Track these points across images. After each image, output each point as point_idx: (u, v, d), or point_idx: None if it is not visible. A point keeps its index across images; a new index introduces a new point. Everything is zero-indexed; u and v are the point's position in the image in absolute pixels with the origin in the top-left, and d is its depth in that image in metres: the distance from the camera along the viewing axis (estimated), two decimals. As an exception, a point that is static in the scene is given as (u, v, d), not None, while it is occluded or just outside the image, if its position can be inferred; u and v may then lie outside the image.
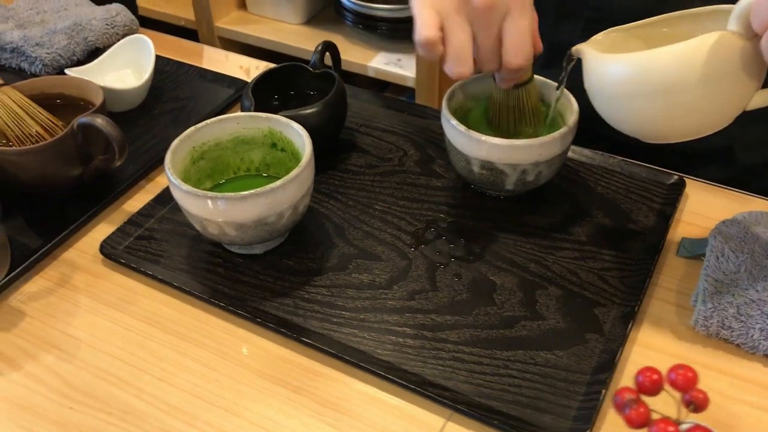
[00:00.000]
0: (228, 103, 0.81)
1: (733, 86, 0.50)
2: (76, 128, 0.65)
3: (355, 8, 1.57)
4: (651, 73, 0.50)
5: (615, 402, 0.34)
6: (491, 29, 0.57)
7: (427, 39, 0.56)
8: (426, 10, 0.57)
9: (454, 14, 0.56)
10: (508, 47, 0.57)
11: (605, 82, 0.54)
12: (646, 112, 0.52)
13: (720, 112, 0.51)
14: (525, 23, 0.57)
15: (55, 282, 0.64)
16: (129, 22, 0.92)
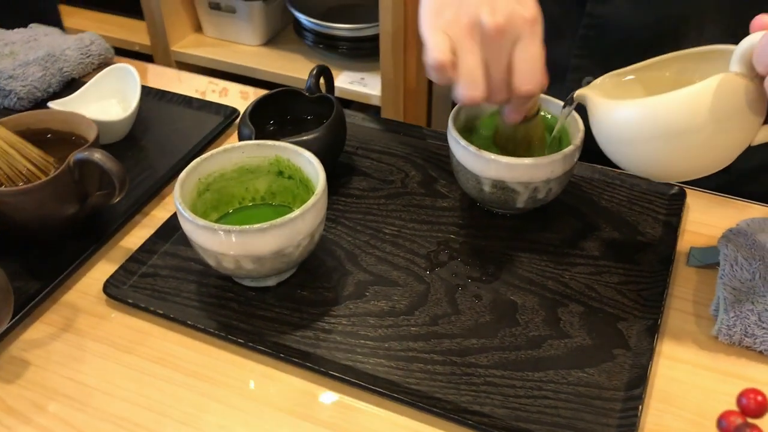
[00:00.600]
0: (219, 130, 0.79)
1: (740, 125, 0.51)
2: (73, 164, 0.62)
3: (315, 28, 1.56)
4: (660, 118, 0.52)
5: (722, 427, 0.33)
6: (502, 55, 0.56)
7: (440, 62, 0.55)
8: (437, 33, 0.56)
9: (466, 38, 0.56)
10: (520, 73, 0.57)
11: (614, 127, 0.55)
12: (656, 155, 0.53)
13: (727, 151, 0.53)
14: (536, 50, 0.56)
15: (58, 327, 0.61)
16: (104, 51, 0.89)
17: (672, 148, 0.52)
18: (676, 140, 0.52)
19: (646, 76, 0.61)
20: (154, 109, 0.82)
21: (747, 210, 0.71)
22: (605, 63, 0.75)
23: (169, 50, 1.64)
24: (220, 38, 1.66)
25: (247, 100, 0.88)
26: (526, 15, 0.55)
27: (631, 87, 0.61)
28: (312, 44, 1.60)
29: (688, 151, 0.52)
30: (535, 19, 0.55)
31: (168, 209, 0.71)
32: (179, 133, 0.79)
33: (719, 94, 0.50)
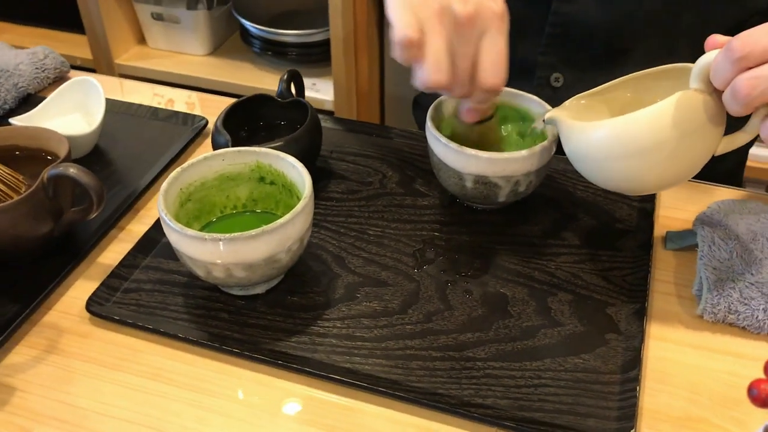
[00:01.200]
0: (189, 140, 0.78)
1: (703, 138, 0.54)
2: (47, 181, 0.60)
3: (263, 35, 1.55)
4: (627, 137, 0.54)
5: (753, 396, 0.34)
6: (469, 45, 0.56)
7: (407, 38, 0.54)
8: (406, 11, 0.55)
9: (435, 20, 0.55)
10: (485, 66, 0.57)
11: (584, 147, 0.57)
12: (626, 172, 0.56)
13: (693, 162, 0.56)
14: (503, 45, 0.57)
15: (42, 349, 0.59)
16: (59, 65, 0.87)
17: (640, 164, 0.55)
18: (644, 157, 0.54)
19: (609, 96, 0.63)
20: (119, 122, 0.81)
21: (713, 192, 0.73)
22: (571, 60, 0.77)
23: (112, 63, 1.61)
24: (166, 49, 1.64)
25: (194, 110, 0.87)
26: (495, 9, 0.56)
27: (597, 107, 0.64)
28: (260, 51, 1.59)
29: (656, 166, 0.55)
30: (503, 14, 0.56)
31: (144, 222, 0.70)
32: (147, 144, 0.78)
33: (681, 110, 0.53)
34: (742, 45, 0.48)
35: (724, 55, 0.49)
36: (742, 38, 0.48)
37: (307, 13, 1.60)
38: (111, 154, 0.77)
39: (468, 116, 0.63)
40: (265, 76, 1.57)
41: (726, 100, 0.51)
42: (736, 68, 0.48)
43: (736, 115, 0.51)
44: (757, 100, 0.48)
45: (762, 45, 0.47)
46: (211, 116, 0.82)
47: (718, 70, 0.50)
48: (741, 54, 0.48)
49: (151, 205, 0.72)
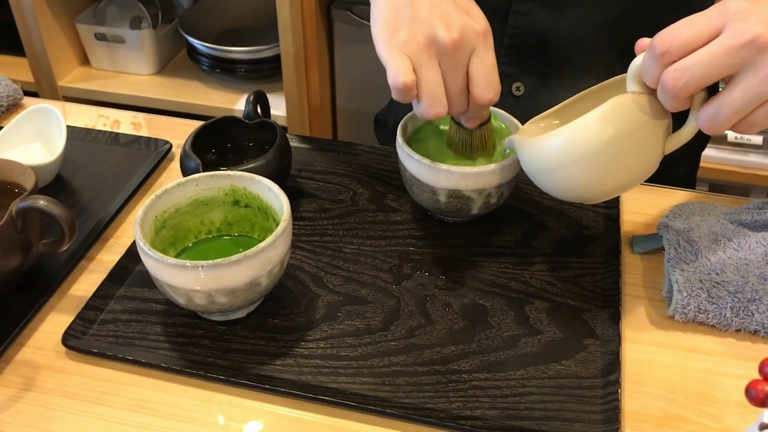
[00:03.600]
0: (154, 164, 0.77)
1: (646, 137, 0.56)
2: (15, 214, 0.59)
3: (211, 53, 1.54)
4: (572, 143, 0.56)
5: (751, 396, 0.36)
6: (459, 68, 0.58)
7: (404, 84, 0.57)
8: (396, 54, 0.58)
9: (424, 56, 0.57)
10: (479, 82, 0.59)
11: (535, 160, 0.60)
12: (578, 177, 0.58)
13: (644, 164, 0.57)
14: (491, 60, 0.59)
15: (19, 387, 0.57)
16: (12, 92, 0.85)
17: (589, 168, 0.56)
18: (591, 160, 0.56)
19: (567, 113, 0.65)
20: (80, 149, 0.79)
21: (673, 195, 0.76)
22: (530, 69, 0.79)
23: (55, 86, 1.57)
24: (111, 69, 1.61)
25: (140, 130, 0.86)
26: (477, 28, 0.57)
27: (555, 127, 0.65)
28: (208, 69, 1.58)
29: (604, 168, 0.56)
30: (486, 30, 0.58)
31: (114, 251, 0.69)
32: (111, 171, 0.76)
33: (620, 113, 0.54)
34: (662, 41, 0.50)
35: (649, 54, 0.51)
36: (662, 35, 0.50)
37: (254, 30, 1.60)
38: (74, 182, 0.75)
39: (469, 124, 0.65)
40: (214, 93, 1.56)
41: (660, 98, 0.53)
42: (660, 64, 0.50)
43: (673, 110, 0.53)
44: (683, 90, 0.50)
45: (681, 39, 0.49)
46: (168, 138, 0.81)
47: (646, 69, 0.52)
48: (662, 50, 0.50)
49: (120, 233, 0.71)
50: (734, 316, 0.61)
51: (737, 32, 0.48)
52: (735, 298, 0.61)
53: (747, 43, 0.48)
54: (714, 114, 0.51)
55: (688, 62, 0.50)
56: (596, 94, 0.64)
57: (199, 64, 1.58)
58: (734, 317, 0.61)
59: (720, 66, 0.49)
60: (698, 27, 0.49)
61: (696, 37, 0.49)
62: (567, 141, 0.56)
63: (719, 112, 0.51)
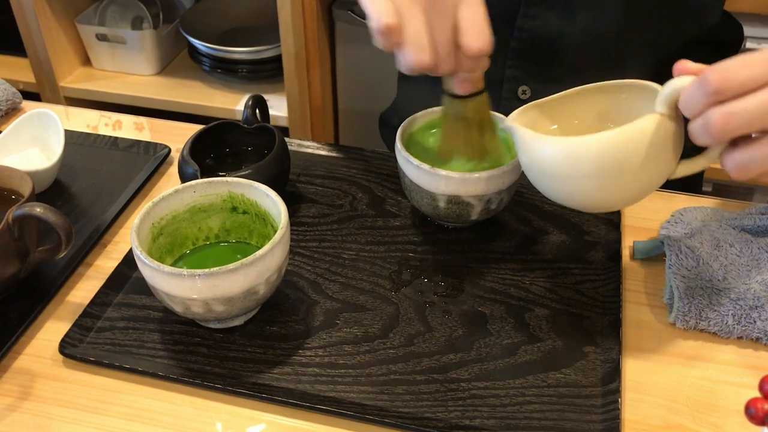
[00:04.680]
0: (152, 169, 0.76)
1: (664, 162, 0.54)
2: (12, 221, 0.59)
3: (212, 53, 1.54)
4: (589, 158, 0.53)
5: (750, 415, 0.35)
6: (446, 17, 0.55)
7: (387, 25, 0.54)
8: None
9: (408, 2, 0.55)
10: (467, 32, 0.56)
11: (543, 162, 0.56)
12: (588, 190, 0.55)
13: (650, 185, 0.56)
14: (480, 9, 0.56)
15: (15, 396, 0.57)
16: (11, 96, 0.85)
17: (603, 184, 0.54)
18: (607, 177, 0.54)
19: (561, 106, 0.63)
20: (78, 153, 0.79)
21: (674, 200, 0.75)
22: (537, 73, 0.78)
23: (57, 86, 1.57)
24: (112, 70, 1.60)
25: (142, 131, 0.85)
26: None
27: (548, 117, 0.63)
28: (209, 69, 1.57)
29: (618, 187, 0.54)
30: None
31: (112, 258, 0.68)
32: (109, 176, 0.76)
33: (648, 134, 0.52)
34: (719, 79, 0.47)
35: (699, 87, 0.48)
36: (719, 72, 0.47)
37: (256, 30, 1.59)
38: (73, 187, 0.75)
39: (461, 88, 0.62)
40: (215, 94, 1.55)
41: (695, 131, 0.50)
42: (710, 101, 0.48)
43: (702, 145, 0.51)
44: (728, 135, 0.48)
45: (738, 81, 0.47)
46: (169, 142, 0.81)
47: (690, 100, 0.50)
48: (716, 88, 0.47)
49: (118, 239, 0.70)
50: (736, 323, 0.61)
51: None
52: (737, 305, 0.60)
53: None
54: (748, 162, 0.49)
55: (739, 108, 0.47)
56: (595, 92, 0.62)
57: (200, 65, 1.58)
58: (736, 325, 0.61)
59: None
60: (756, 70, 0.47)
61: (752, 82, 0.47)
62: (588, 153, 0.53)
63: (753, 162, 0.49)
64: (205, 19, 1.58)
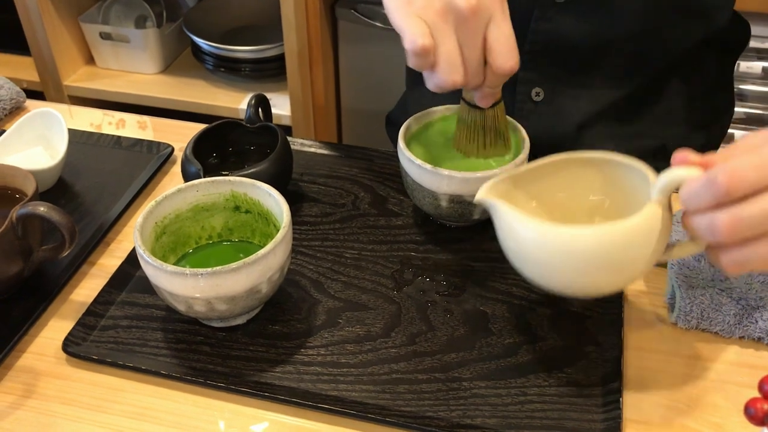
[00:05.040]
0: (156, 168, 0.76)
1: (658, 250, 0.52)
2: (16, 220, 0.59)
3: (216, 52, 1.54)
4: (589, 251, 0.50)
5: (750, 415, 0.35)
6: (477, 37, 0.56)
7: (423, 47, 0.55)
8: (413, 18, 0.56)
9: (440, 23, 0.56)
10: (498, 52, 0.57)
11: (536, 249, 0.53)
12: (573, 279, 0.53)
13: (643, 272, 0.54)
14: (509, 28, 0.57)
15: (19, 394, 0.57)
16: (15, 95, 0.85)
17: (599, 274, 0.52)
18: (607, 268, 0.51)
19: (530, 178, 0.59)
20: (82, 152, 0.79)
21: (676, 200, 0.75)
22: (551, 75, 0.78)
23: (61, 85, 1.57)
24: (116, 69, 1.61)
25: (146, 130, 0.86)
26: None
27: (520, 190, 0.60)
28: (213, 68, 1.58)
29: (613, 276, 0.52)
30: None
31: (116, 256, 0.69)
32: (113, 174, 0.76)
33: (651, 225, 0.51)
34: (729, 181, 0.45)
35: (707, 187, 0.46)
36: (729, 173, 0.46)
37: (259, 29, 1.59)
38: (76, 186, 0.75)
39: (484, 102, 0.63)
40: (218, 92, 1.56)
41: (699, 229, 0.48)
42: (717, 202, 0.47)
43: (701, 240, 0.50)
44: (735, 239, 0.47)
45: (747, 183, 0.46)
46: (172, 141, 0.81)
47: (696, 197, 0.48)
48: (727, 190, 0.46)
49: (121, 238, 0.71)
50: (738, 323, 0.61)
51: None
52: (739, 305, 0.61)
53: None
54: (746, 261, 0.48)
55: (747, 213, 0.46)
56: (564, 165, 0.59)
57: (203, 63, 1.58)
58: (738, 325, 0.61)
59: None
60: (764, 171, 0.46)
61: (760, 184, 0.46)
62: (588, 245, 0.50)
63: (751, 261, 0.48)
64: (209, 18, 1.59)
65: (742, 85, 1.41)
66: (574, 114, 0.79)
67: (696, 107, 0.83)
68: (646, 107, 0.81)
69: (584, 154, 0.58)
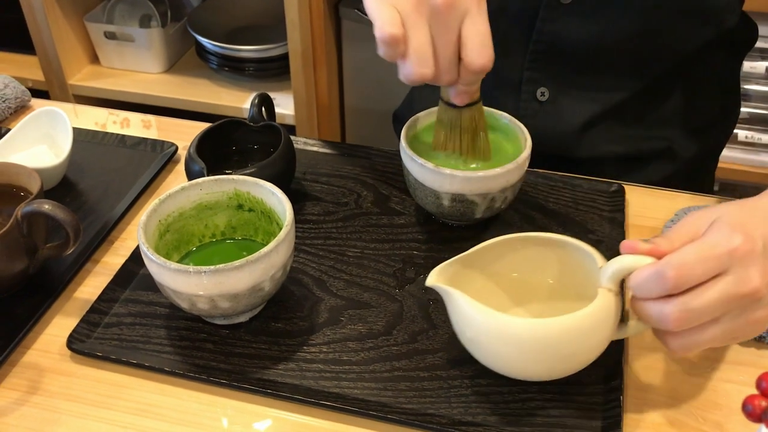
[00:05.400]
0: (160, 167, 0.77)
1: (609, 334, 0.54)
2: (21, 218, 0.59)
3: (220, 51, 1.55)
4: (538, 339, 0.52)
5: (747, 411, 0.36)
6: (450, 31, 0.56)
7: (392, 35, 0.55)
8: (385, 7, 0.56)
9: (414, 14, 0.55)
10: (471, 47, 0.56)
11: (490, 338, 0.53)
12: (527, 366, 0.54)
13: (595, 355, 0.55)
14: (485, 26, 0.57)
15: (24, 390, 0.58)
16: (20, 94, 0.85)
17: (554, 362, 0.54)
18: (562, 356, 0.53)
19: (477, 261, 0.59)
20: (86, 151, 0.79)
21: (677, 199, 0.76)
22: (556, 75, 0.79)
23: (65, 84, 1.58)
24: (120, 68, 1.61)
25: (150, 129, 0.86)
26: None
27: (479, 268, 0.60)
28: (217, 67, 1.58)
29: (568, 361, 0.54)
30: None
31: (119, 254, 0.69)
32: (117, 173, 0.77)
33: (604, 313, 0.53)
34: (677, 276, 0.48)
35: (656, 280, 0.49)
36: (677, 267, 0.48)
37: (263, 28, 1.60)
38: (80, 184, 0.76)
39: (458, 99, 0.63)
40: (222, 92, 1.56)
41: (650, 318, 0.51)
42: (665, 293, 0.49)
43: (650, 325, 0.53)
44: (684, 328, 0.50)
45: (693, 278, 0.48)
46: (176, 140, 0.81)
47: (645, 288, 0.50)
48: (675, 284, 0.48)
49: (125, 236, 0.71)
50: (738, 322, 0.61)
51: (739, 282, 0.48)
52: (739, 304, 0.61)
53: (746, 296, 0.49)
54: (693, 345, 0.51)
55: (694, 305, 0.49)
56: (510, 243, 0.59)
57: (207, 63, 1.58)
58: (738, 323, 0.61)
59: (719, 312, 0.49)
60: (709, 265, 0.48)
61: (706, 276, 0.48)
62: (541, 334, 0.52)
63: (698, 345, 0.51)
64: (213, 18, 1.59)
65: (746, 85, 1.41)
66: (579, 114, 0.79)
67: (702, 108, 0.83)
68: (652, 108, 0.81)
69: (535, 235, 0.60)
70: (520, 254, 0.60)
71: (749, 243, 0.49)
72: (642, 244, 0.52)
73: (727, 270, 0.49)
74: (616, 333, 0.55)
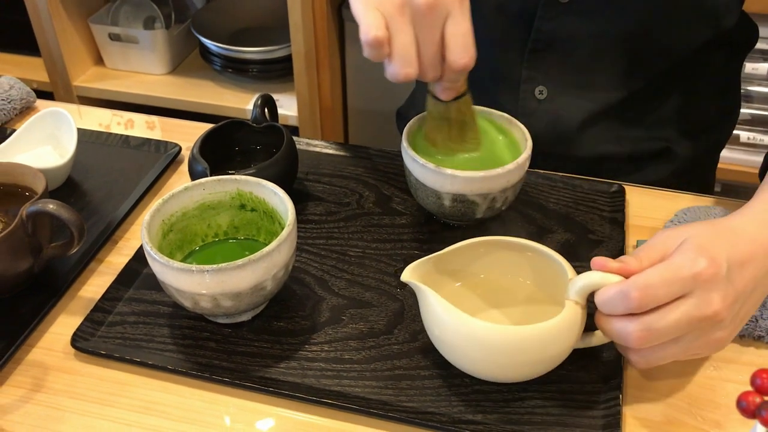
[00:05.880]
0: (163, 167, 0.78)
1: (572, 342, 0.56)
2: (26, 218, 0.60)
3: (224, 53, 1.55)
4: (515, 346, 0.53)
5: (742, 408, 0.36)
6: (434, 31, 0.58)
7: (376, 38, 0.56)
8: (371, 10, 0.57)
9: (397, 15, 0.57)
10: (453, 47, 0.58)
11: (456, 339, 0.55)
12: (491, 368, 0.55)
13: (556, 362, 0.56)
14: (467, 25, 0.58)
15: (28, 388, 0.58)
16: (25, 95, 0.86)
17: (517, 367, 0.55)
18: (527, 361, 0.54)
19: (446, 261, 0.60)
20: (90, 151, 0.80)
21: (678, 199, 0.76)
22: (554, 74, 0.79)
23: (70, 86, 1.59)
24: (124, 69, 1.62)
25: (154, 130, 0.87)
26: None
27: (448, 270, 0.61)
28: (220, 69, 1.59)
29: (533, 365, 0.55)
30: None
31: (123, 254, 0.70)
32: (121, 173, 0.77)
33: (569, 323, 0.54)
34: (641, 297, 0.50)
35: (621, 299, 0.51)
36: (641, 288, 0.50)
37: (266, 30, 1.61)
38: (85, 185, 0.76)
39: (444, 95, 0.64)
40: (226, 93, 1.57)
41: (613, 336, 0.53)
42: (629, 312, 0.51)
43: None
44: (645, 346, 0.52)
45: (658, 297, 0.50)
46: (180, 140, 0.82)
47: (610, 305, 0.52)
48: (639, 304, 0.50)
49: (129, 236, 0.72)
50: (737, 321, 0.61)
51: (701, 305, 0.50)
52: (738, 304, 0.61)
53: (706, 318, 0.51)
54: (655, 360, 0.53)
55: (657, 325, 0.51)
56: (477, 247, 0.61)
57: (211, 64, 1.59)
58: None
59: (680, 332, 0.51)
60: (673, 288, 0.50)
61: (668, 297, 0.50)
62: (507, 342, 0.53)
63: (660, 360, 0.53)
64: (217, 19, 1.60)
65: (748, 86, 1.41)
66: (578, 113, 0.80)
67: (702, 108, 0.83)
68: (651, 108, 0.81)
69: (507, 239, 0.61)
70: (501, 257, 0.61)
71: (713, 267, 0.50)
72: (611, 262, 0.53)
73: (690, 293, 0.51)
74: (580, 342, 0.57)
